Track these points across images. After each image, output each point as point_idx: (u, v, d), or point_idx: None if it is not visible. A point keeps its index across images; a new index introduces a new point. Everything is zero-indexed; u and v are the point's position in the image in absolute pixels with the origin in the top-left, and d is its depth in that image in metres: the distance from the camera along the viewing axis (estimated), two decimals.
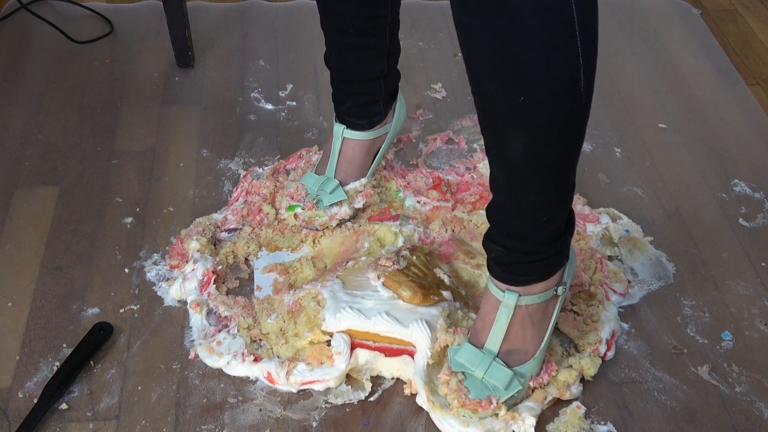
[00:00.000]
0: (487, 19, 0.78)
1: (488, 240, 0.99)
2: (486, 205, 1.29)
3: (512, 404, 1.02)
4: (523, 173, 0.89)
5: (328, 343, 1.07)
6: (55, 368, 1.06)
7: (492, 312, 1.01)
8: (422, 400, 1.02)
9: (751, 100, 1.58)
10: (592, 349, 1.09)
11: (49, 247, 1.24)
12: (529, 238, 0.95)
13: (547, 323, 1.03)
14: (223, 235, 1.26)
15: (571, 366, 1.06)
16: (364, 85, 1.21)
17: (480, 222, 1.28)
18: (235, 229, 1.27)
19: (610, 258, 1.24)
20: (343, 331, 1.06)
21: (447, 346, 1.05)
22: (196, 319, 1.13)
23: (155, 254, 1.23)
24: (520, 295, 0.99)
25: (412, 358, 1.05)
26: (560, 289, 1.02)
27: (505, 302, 0.99)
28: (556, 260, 0.99)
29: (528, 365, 1.02)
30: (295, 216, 1.25)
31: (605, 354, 1.10)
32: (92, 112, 1.50)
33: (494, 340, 1.01)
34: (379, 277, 1.10)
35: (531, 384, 1.03)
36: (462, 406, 0.99)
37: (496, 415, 1.00)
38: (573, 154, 0.89)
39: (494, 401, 0.99)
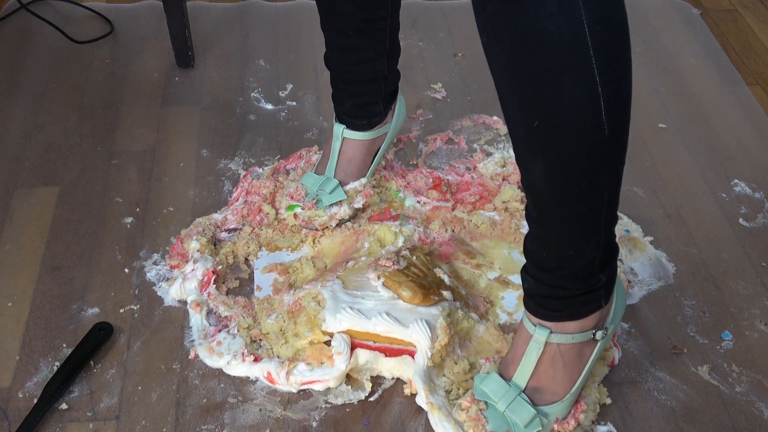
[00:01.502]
0: (504, 42, 0.76)
1: (523, 271, 0.97)
2: (486, 205, 1.31)
3: None
4: (546, 202, 0.86)
5: (328, 343, 1.07)
6: (55, 368, 1.06)
7: (523, 345, 0.97)
8: (422, 401, 1.02)
9: (751, 100, 1.58)
10: (609, 362, 1.08)
11: (49, 247, 1.24)
12: (556, 271, 0.92)
13: (582, 367, 0.98)
14: (223, 235, 1.26)
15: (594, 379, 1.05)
16: (363, 86, 1.21)
17: (480, 222, 1.28)
18: (235, 229, 1.27)
19: None
20: (343, 332, 1.06)
21: (447, 344, 1.05)
22: (196, 319, 1.13)
23: (155, 254, 1.23)
24: (551, 332, 0.95)
25: (413, 358, 1.05)
26: (599, 334, 0.97)
27: (536, 337, 0.96)
28: (590, 300, 0.94)
29: (555, 407, 0.97)
30: (295, 216, 1.25)
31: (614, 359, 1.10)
32: (92, 112, 1.50)
33: (522, 375, 0.97)
34: (379, 278, 1.10)
35: (555, 427, 0.98)
36: None
37: None
38: (597, 185, 0.84)
39: None
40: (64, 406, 1.03)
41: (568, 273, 0.92)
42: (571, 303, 0.94)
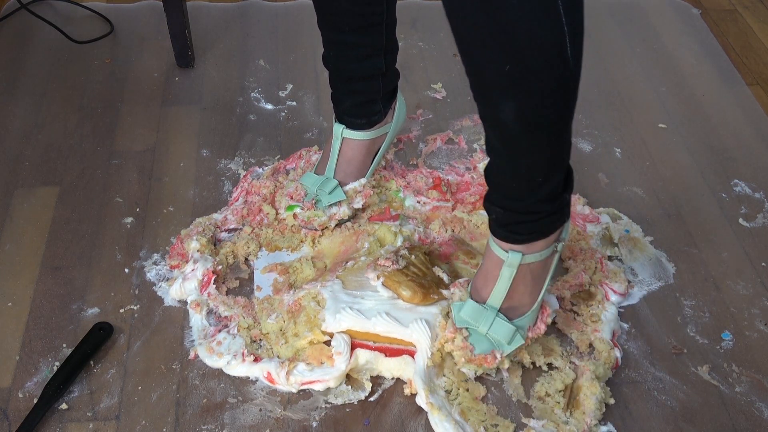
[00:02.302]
0: None
1: (488, 201, 1.02)
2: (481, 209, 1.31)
3: (513, 357, 1.06)
4: (517, 137, 0.91)
5: (328, 343, 1.07)
6: (55, 368, 1.06)
7: (494, 270, 1.03)
8: (422, 401, 1.02)
9: (751, 100, 1.58)
10: (613, 364, 1.09)
11: (49, 247, 1.24)
12: (527, 198, 0.97)
13: (545, 276, 1.05)
14: (223, 235, 1.26)
15: (596, 377, 1.06)
16: (362, 84, 1.21)
17: (480, 222, 1.28)
18: (235, 229, 1.27)
19: (610, 258, 1.24)
20: (343, 332, 1.06)
21: (447, 342, 1.05)
22: (196, 319, 1.13)
23: (155, 254, 1.23)
24: (523, 255, 1.01)
25: (413, 358, 1.06)
26: (560, 246, 1.05)
27: (509, 262, 1.01)
28: (557, 218, 1.01)
29: (526, 317, 1.05)
30: (294, 216, 1.25)
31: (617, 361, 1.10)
32: (92, 112, 1.50)
33: (497, 297, 1.03)
34: (378, 277, 1.10)
35: (529, 335, 1.05)
36: (468, 361, 1.02)
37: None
38: (565, 115, 0.91)
39: (498, 355, 1.02)
40: (64, 406, 1.03)
41: (539, 198, 0.97)
42: (542, 224, 1.00)
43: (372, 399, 1.06)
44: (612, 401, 1.05)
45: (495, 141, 0.94)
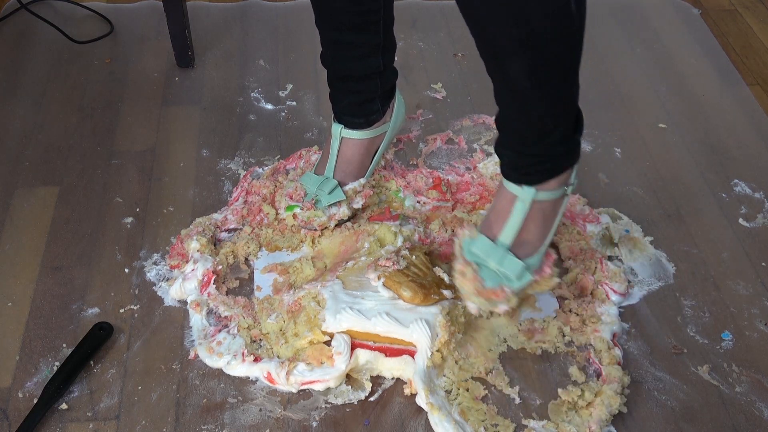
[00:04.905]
0: None
1: (500, 146, 1.05)
2: (486, 205, 1.31)
3: (521, 295, 1.08)
4: (527, 91, 0.95)
5: (328, 343, 1.07)
6: (55, 368, 1.06)
7: (507, 206, 1.06)
8: (422, 401, 1.02)
9: (751, 100, 1.58)
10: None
11: (49, 247, 1.24)
12: (539, 144, 1.01)
13: (554, 219, 1.09)
14: (223, 235, 1.26)
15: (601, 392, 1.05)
16: (360, 83, 1.21)
17: (480, 222, 1.27)
18: (235, 229, 1.27)
19: (610, 258, 1.24)
20: (343, 332, 1.06)
21: (448, 341, 1.05)
22: (196, 319, 1.13)
23: (155, 254, 1.23)
24: (536, 191, 1.04)
25: (413, 358, 1.06)
26: (569, 189, 1.08)
27: (522, 197, 1.05)
28: (568, 157, 1.05)
29: (532, 259, 1.07)
30: (294, 216, 1.25)
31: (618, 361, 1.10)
32: (92, 112, 1.50)
33: (508, 234, 1.06)
34: (379, 278, 1.10)
35: (535, 277, 1.07)
36: (478, 294, 1.05)
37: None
38: (573, 66, 0.95)
39: (507, 290, 1.05)
40: (64, 406, 1.03)
41: (552, 140, 1.01)
42: (554, 165, 1.04)
43: (372, 399, 1.06)
44: (625, 410, 1.04)
45: (505, 95, 0.97)
